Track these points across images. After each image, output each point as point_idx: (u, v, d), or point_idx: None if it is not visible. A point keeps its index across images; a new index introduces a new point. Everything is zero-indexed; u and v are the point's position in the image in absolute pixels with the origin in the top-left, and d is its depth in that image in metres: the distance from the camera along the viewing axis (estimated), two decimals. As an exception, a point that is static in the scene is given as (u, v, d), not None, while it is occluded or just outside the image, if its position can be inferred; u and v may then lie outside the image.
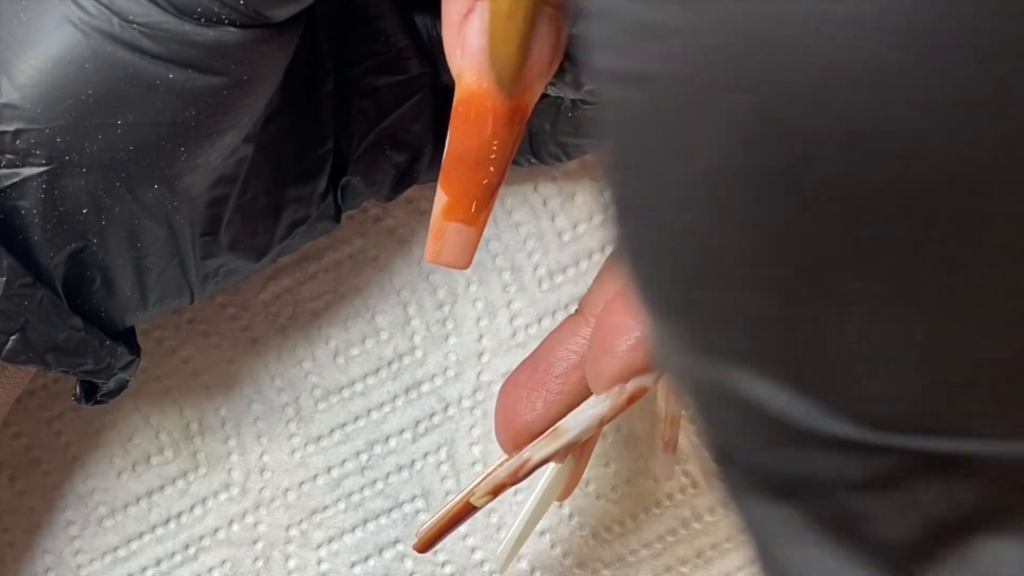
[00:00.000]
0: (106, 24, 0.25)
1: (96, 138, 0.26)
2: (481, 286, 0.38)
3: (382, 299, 0.38)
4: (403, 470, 0.38)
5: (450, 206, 0.24)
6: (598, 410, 0.27)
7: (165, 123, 0.26)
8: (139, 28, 0.25)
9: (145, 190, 0.27)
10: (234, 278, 0.33)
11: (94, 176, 0.27)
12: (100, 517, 0.38)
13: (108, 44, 0.25)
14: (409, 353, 0.38)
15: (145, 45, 0.25)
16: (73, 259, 0.28)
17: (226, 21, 0.25)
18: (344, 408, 0.38)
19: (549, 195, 0.37)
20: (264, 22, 0.26)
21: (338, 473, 0.38)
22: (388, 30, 0.32)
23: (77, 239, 0.28)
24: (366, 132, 0.33)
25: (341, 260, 0.38)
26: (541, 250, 0.38)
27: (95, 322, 0.30)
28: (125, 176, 0.27)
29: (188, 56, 0.25)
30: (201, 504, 0.38)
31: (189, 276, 0.31)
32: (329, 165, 0.32)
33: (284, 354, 0.38)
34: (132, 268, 0.29)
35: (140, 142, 0.26)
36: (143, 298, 0.30)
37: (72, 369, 0.30)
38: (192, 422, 0.38)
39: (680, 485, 0.39)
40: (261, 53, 0.27)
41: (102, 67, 0.25)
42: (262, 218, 0.31)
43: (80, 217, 0.27)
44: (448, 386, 0.38)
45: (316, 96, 0.31)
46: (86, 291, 0.29)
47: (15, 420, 0.38)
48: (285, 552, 0.38)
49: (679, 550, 0.39)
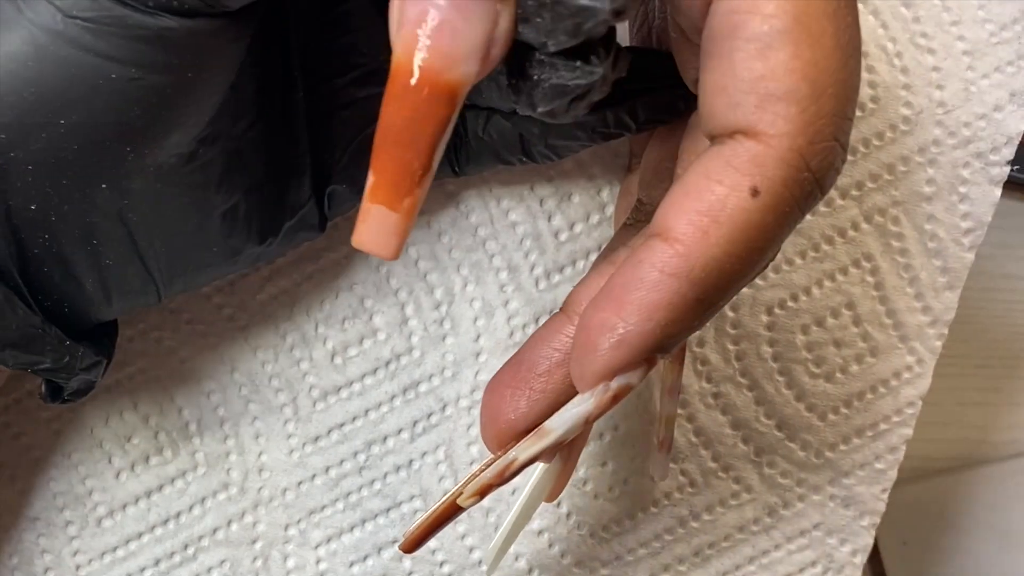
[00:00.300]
0: (49, 20, 0.25)
1: (40, 136, 0.26)
2: (478, 286, 0.38)
3: (379, 299, 0.38)
4: (401, 470, 0.38)
5: (374, 186, 0.24)
6: (583, 409, 0.27)
7: (109, 123, 0.26)
8: (81, 23, 0.24)
9: (93, 189, 0.27)
10: (205, 278, 0.32)
11: (40, 174, 0.26)
12: (99, 517, 0.38)
13: (50, 42, 0.25)
14: (407, 353, 0.38)
15: (87, 41, 0.25)
16: (27, 254, 0.28)
17: (175, 5, 0.25)
18: (342, 408, 0.38)
19: (545, 195, 0.37)
20: (217, 10, 0.25)
21: (336, 473, 0.38)
22: (368, 43, 0.32)
23: (29, 234, 0.28)
24: (350, 140, 0.33)
25: (338, 261, 0.38)
26: (538, 250, 0.38)
27: (59, 319, 0.30)
28: (72, 175, 0.27)
29: (131, 53, 0.25)
30: (200, 504, 0.38)
31: (153, 274, 0.30)
32: (305, 176, 0.32)
33: (281, 354, 0.38)
34: (90, 265, 0.29)
35: (84, 141, 0.26)
36: (106, 295, 0.30)
37: (30, 367, 0.29)
38: (191, 422, 0.38)
39: (678, 484, 0.39)
40: (207, 49, 0.26)
41: (44, 65, 0.25)
42: (233, 222, 0.31)
43: (29, 214, 0.27)
44: (446, 386, 0.38)
45: (286, 104, 0.31)
46: (47, 286, 0.29)
47: (15, 420, 0.38)
48: (284, 552, 0.38)
49: (677, 549, 0.39)
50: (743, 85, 0.24)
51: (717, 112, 0.25)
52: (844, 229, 0.37)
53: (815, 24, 0.24)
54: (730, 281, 0.25)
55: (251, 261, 0.33)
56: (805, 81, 0.24)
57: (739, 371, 0.38)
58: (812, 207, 0.25)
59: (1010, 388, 0.54)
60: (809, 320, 0.38)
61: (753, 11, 0.24)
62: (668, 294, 0.25)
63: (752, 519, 0.39)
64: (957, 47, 0.37)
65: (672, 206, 0.25)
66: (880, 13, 0.37)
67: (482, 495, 0.29)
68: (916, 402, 0.38)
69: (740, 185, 0.24)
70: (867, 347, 0.38)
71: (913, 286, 0.38)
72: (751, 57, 0.24)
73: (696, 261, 0.24)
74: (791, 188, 0.24)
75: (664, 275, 0.25)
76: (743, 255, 0.24)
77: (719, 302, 0.25)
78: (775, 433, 0.38)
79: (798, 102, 0.24)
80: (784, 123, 0.24)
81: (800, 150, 0.24)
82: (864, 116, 0.37)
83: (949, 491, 0.53)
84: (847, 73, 0.24)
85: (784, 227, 0.25)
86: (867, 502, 0.39)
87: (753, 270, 0.25)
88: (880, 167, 0.37)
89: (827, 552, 0.39)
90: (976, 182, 0.37)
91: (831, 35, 0.24)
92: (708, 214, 0.24)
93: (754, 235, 0.24)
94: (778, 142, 0.24)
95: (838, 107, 0.24)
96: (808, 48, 0.24)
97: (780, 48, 0.24)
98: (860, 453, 0.38)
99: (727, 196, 0.24)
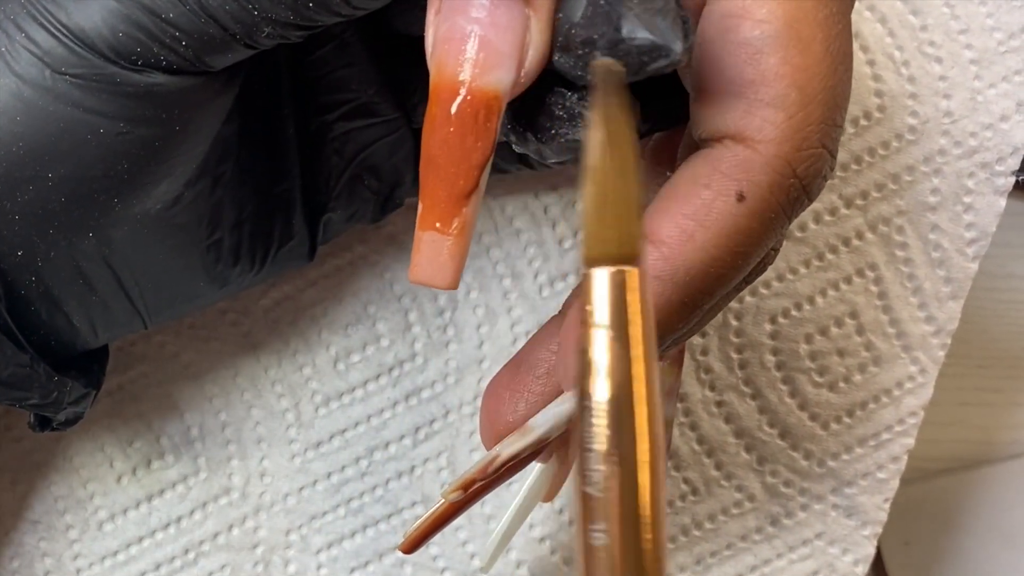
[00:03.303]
0: (38, 76, 0.24)
1: (27, 189, 0.26)
2: (482, 292, 0.38)
3: (383, 305, 0.38)
4: (403, 476, 0.38)
5: (425, 212, 0.24)
6: (566, 407, 0.27)
7: (98, 176, 0.26)
8: (71, 80, 0.24)
9: (79, 238, 0.27)
10: (193, 307, 0.32)
11: (26, 223, 0.26)
12: (100, 521, 0.38)
13: (40, 97, 0.25)
14: (410, 359, 0.38)
15: (76, 97, 0.25)
16: (14, 295, 0.28)
17: (163, 65, 0.24)
18: (344, 414, 0.38)
19: (550, 202, 0.37)
20: (201, 69, 0.25)
21: (338, 479, 0.38)
22: (358, 78, 0.31)
23: (16, 277, 0.27)
24: (343, 170, 0.33)
25: (342, 266, 0.38)
26: (542, 257, 0.37)
27: (46, 352, 0.29)
28: (58, 225, 0.26)
29: (119, 108, 0.25)
30: (201, 509, 0.38)
31: (138, 306, 0.30)
32: (295, 208, 0.32)
33: (284, 360, 0.38)
34: (77, 303, 0.29)
35: (72, 194, 0.26)
36: (92, 328, 0.30)
37: (18, 403, 0.29)
38: (193, 426, 0.38)
39: (680, 492, 0.39)
40: (194, 103, 0.26)
41: (34, 121, 0.25)
42: (218, 255, 0.31)
43: (16, 259, 0.27)
44: (449, 392, 0.38)
45: (276, 141, 0.31)
46: (34, 323, 0.29)
47: (16, 423, 0.38)
48: (285, 557, 0.38)
49: (679, 557, 0.39)
50: (732, 90, 0.24)
51: (706, 116, 0.25)
52: (848, 238, 0.37)
53: (806, 31, 0.24)
54: (715, 284, 0.25)
55: (239, 288, 0.33)
56: (794, 87, 0.24)
57: (742, 380, 0.38)
58: (798, 213, 0.26)
59: (1012, 388, 0.54)
60: (813, 329, 0.38)
61: (744, 16, 0.24)
62: (654, 297, 0.24)
63: (754, 528, 0.39)
64: (965, 56, 0.37)
65: (659, 209, 0.25)
66: (888, 21, 0.37)
67: (465, 489, 0.29)
68: (918, 412, 0.38)
69: (726, 190, 0.24)
70: (870, 356, 0.38)
71: (917, 296, 0.37)
72: (741, 62, 0.24)
73: (680, 264, 0.24)
74: (777, 194, 0.24)
75: (650, 277, 0.24)
76: (727, 259, 0.25)
77: (704, 305, 0.25)
78: (778, 442, 0.38)
79: (786, 108, 0.24)
80: (772, 129, 0.24)
81: (787, 156, 0.24)
82: (870, 125, 0.37)
83: (951, 492, 0.53)
84: (836, 80, 0.24)
85: (770, 232, 0.25)
86: (869, 512, 0.39)
87: (738, 274, 0.25)
88: (885, 176, 0.37)
89: (829, 562, 0.39)
90: (981, 192, 0.37)
91: (820, 41, 0.24)
92: (694, 218, 0.24)
93: (739, 239, 0.24)
94: (765, 148, 0.24)
95: (827, 114, 0.24)
96: (798, 54, 0.24)
97: (770, 54, 0.24)
98: (862, 463, 0.38)
99: (713, 200, 0.24)
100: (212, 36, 0.24)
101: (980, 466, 0.53)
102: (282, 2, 0.24)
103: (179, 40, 0.24)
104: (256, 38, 0.25)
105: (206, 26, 0.24)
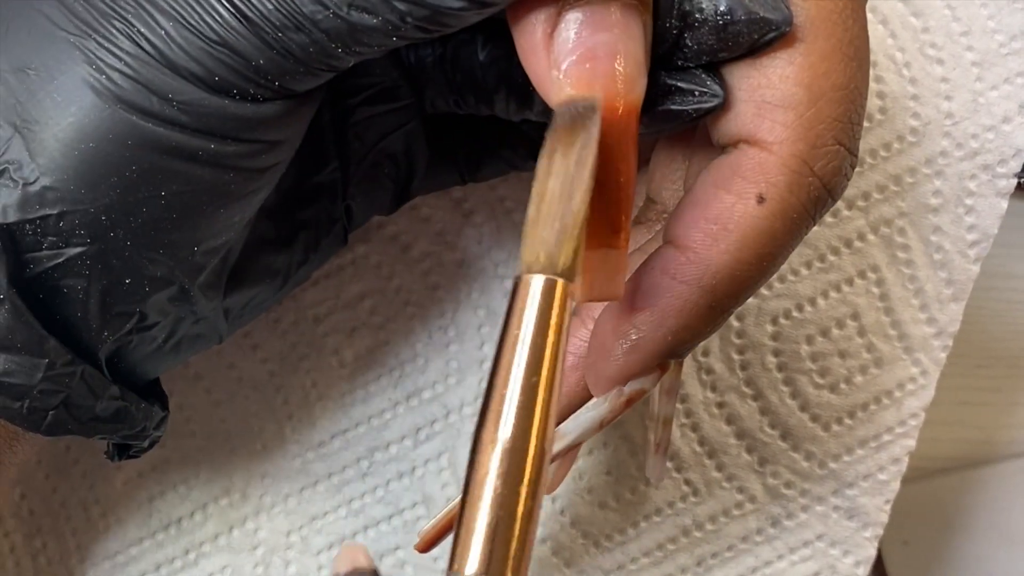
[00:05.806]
0: (144, 102, 0.24)
1: (141, 211, 0.25)
2: (483, 294, 0.38)
3: (384, 305, 0.38)
4: (404, 476, 0.38)
5: (591, 232, 0.24)
6: (597, 413, 0.27)
7: (206, 189, 0.26)
8: (179, 106, 0.24)
9: (185, 252, 0.27)
10: (259, 311, 0.32)
11: (137, 247, 0.26)
12: (100, 522, 0.38)
13: (148, 121, 0.25)
14: (411, 360, 0.38)
15: (185, 121, 0.25)
16: (117, 335, 0.28)
17: (260, 98, 0.25)
18: (345, 414, 0.38)
19: (551, 204, 0.37)
20: (293, 94, 0.25)
21: (339, 479, 0.38)
22: (381, 63, 0.32)
23: (121, 309, 0.27)
24: (363, 157, 0.33)
25: (344, 266, 0.38)
26: (543, 258, 0.37)
27: (128, 377, 0.29)
28: (167, 243, 0.26)
29: (228, 128, 0.25)
30: (202, 510, 0.38)
31: (228, 318, 0.31)
32: (338, 189, 0.32)
33: (286, 359, 0.38)
34: (169, 324, 0.29)
35: (183, 209, 0.26)
36: (176, 348, 0.30)
37: (110, 436, 0.29)
38: (193, 426, 0.38)
39: (681, 493, 0.39)
40: (293, 118, 0.26)
41: (145, 143, 0.25)
42: (276, 248, 0.31)
43: (123, 288, 0.27)
44: (450, 393, 0.38)
45: (314, 126, 0.31)
46: (123, 352, 0.29)
47: (17, 424, 0.38)
48: (285, 558, 0.38)
49: (679, 558, 0.39)
50: (741, 94, 0.25)
51: (720, 122, 0.25)
52: (850, 240, 0.37)
53: (811, 30, 0.24)
54: (742, 287, 0.25)
55: (293, 285, 0.33)
56: (800, 87, 0.24)
57: (744, 381, 0.38)
58: (823, 212, 0.26)
59: (1012, 388, 0.54)
60: (814, 330, 0.38)
61: None
62: (680, 300, 0.25)
63: (755, 529, 0.39)
64: (966, 58, 0.37)
65: (683, 214, 0.25)
66: (890, 22, 0.37)
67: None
68: (919, 413, 0.38)
69: (746, 193, 0.24)
70: (872, 358, 0.38)
71: (918, 297, 0.37)
72: (748, 65, 0.24)
73: (707, 268, 0.25)
74: (797, 193, 0.24)
75: (676, 282, 0.25)
76: (753, 261, 0.25)
77: (731, 308, 0.26)
78: (779, 443, 0.38)
79: (795, 108, 0.24)
80: (783, 129, 0.24)
81: (802, 155, 0.24)
82: (872, 127, 0.37)
83: (951, 491, 0.53)
84: (848, 77, 0.24)
85: (794, 232, 0.25)
86: (870, 513, 0.39)
87: (765, 275, 0.25)
88: (887, 178, 0.37)
89: (830, 563, 0.39)
90: (982, 194, 0.37)
91: (827, 38, 0.24)
92: (717, 222, 0.25)
93: (763, 241, 0.25)
94: (779, 148, 0.24)
95: (840, 111, 0.24)
96: (803, 54, 0.24)
97: (776, 55, 0.24)
98: (863, 464, 0.38)
99: (734, 204, 0.24)
100: (300, 74, 0.25)
101: (980, 466, 0.53)
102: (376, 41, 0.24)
103: (272, 82, 0.25)
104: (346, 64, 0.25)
105: (296, 66, 0.24)
